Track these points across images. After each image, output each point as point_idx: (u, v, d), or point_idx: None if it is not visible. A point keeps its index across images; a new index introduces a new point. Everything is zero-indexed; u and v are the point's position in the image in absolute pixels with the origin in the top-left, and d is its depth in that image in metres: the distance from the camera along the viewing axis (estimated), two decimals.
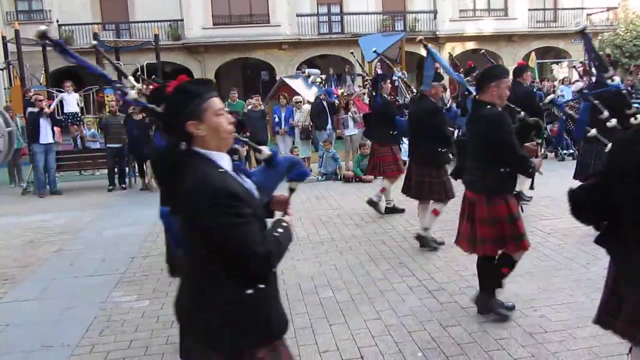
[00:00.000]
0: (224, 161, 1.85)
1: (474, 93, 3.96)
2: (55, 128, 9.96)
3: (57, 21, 22.30)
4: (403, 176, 6.18)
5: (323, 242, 5.87)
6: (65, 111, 12.03)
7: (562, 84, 13.87)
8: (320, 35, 24.17)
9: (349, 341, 3.53)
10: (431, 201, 5.50)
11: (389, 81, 8.02)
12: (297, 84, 13.72)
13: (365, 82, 9.24)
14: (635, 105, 7.13)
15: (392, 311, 3.95)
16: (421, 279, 4.57)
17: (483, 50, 9.15)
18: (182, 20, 23.10)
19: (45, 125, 9.51)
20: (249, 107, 10.85)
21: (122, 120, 9.79)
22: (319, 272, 4.90)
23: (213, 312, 1.78)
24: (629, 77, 11.66)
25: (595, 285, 4.24)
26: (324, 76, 11.26)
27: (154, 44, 14.32)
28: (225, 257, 1.73)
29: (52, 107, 10.84)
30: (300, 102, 11.11)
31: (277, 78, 18.69)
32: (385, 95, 7.38)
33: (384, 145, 7.03)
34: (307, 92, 13.00)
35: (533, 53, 20.77)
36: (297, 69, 18.09)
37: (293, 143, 10.92)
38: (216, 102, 1.83)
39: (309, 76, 14.68)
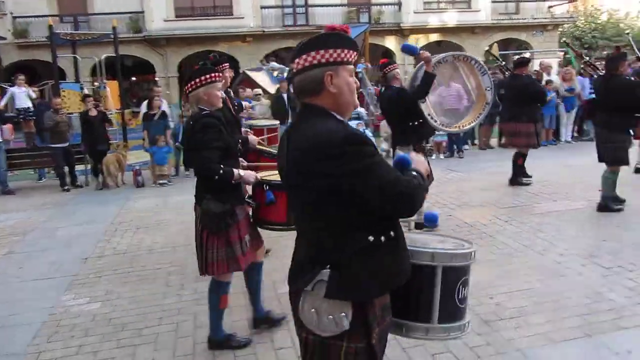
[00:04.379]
0: None
1: None
2: (5, 125, 9.51)
3: (11, 13, 21.48)
4: None
5: None
6: (16, 107, 11.54)
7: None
8: (285, 27, 23.95)
9: None
10: None
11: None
12: (260, 77, 13.55)
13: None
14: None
15: None
16: None
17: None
18: (142, 12, 22.55)
19: None
20: None
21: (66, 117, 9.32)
22: None
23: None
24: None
25: (549, 272, 4.30)
26: (286, 70, 11.16)
27: (112, 36, 13.89)
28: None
29: (1, 104, 10.40)
30: (260, 94, 10.99)
31: (240, 71, 18.44)
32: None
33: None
34: (270, 85, 12.86)
35: (495, 45, 21.05)
36: (260, 61, 17.83)
37: None
38: None
39: (272, 70, 14.51)
